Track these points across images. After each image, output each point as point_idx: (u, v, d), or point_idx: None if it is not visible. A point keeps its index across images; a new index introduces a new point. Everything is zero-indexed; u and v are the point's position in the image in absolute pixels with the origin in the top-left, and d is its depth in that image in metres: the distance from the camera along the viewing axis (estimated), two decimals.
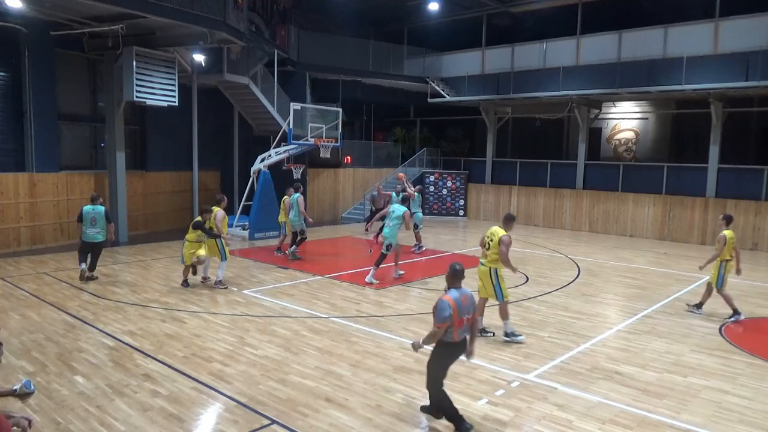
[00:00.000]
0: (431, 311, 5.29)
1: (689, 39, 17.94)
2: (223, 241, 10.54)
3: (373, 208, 18.94)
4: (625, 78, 19.01)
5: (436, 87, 23.60)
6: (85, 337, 7.74)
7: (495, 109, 23.89)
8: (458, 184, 24.05)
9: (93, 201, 10.93)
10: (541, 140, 25.02)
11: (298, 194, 13.44)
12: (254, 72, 18.52)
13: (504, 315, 7.97)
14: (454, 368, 6.83)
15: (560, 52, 20.88)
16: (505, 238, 7.73)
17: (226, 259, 10.68)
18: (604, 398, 6.14)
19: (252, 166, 17.22)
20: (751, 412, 5.94)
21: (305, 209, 13.63)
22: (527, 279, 12.05)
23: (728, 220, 9.70)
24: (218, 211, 10.46)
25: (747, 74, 16.67)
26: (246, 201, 17.33)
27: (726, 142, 18.64)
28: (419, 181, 23.66)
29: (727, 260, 9.45)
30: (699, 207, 18.44)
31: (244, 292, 10.39)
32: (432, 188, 24.02)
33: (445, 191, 24.04)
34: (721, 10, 17.32)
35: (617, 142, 23.44)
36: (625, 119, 23.22)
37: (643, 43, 18.91)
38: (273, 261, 13.33)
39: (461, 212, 23.95)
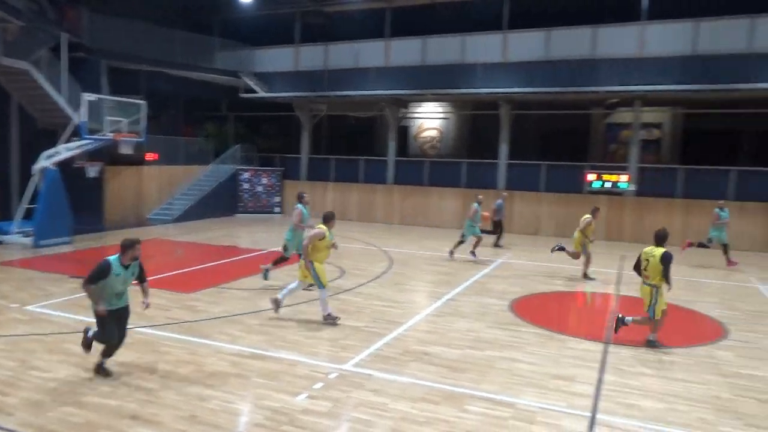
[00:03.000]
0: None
1: (484, 48, 19.91)
2: None
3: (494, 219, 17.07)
4: (430, 80, 20.49)
5: (249, 82, 23.05)
6: None
7: (310, 107, 24.08)
8: (274, 181, 23.80)
9: None
10: (355, 137, 25.87)
11: (299, 205, 11.11)
12: (37, 57, 16.23)
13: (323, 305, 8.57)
14: (272, 366, 6.77)
15: (372, 53, 21.73)
16: (318, 232, 8.36)
17: None
18: (415, 379, 6.54)
19: (35, 164, 15.05)
20: (536, 375, 6.80)
21: (301, 221, 10.89)
22: (343, 272, 12.35)
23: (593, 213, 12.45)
24: None
25: (530, 81, 19.03)
26: (29, 204, 15.11)
27: (513, 141, 21.08)
28: (233, 178, 22.93)
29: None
30: (492, 198, 20.55)
31: (28, 308, 9.06)
32: (247, 186, 23.43)
33: (260, 188, 23.61)
34: (510, 24, 19.49)
35: (423, 139, 25.20)
36: (430, 119, 25.06)
37: (444, 49, 20.51)
38: (64, 270, 11.82)
39: (277, 209, 23.75)
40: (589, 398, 6.20)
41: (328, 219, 8.70)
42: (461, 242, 14.46)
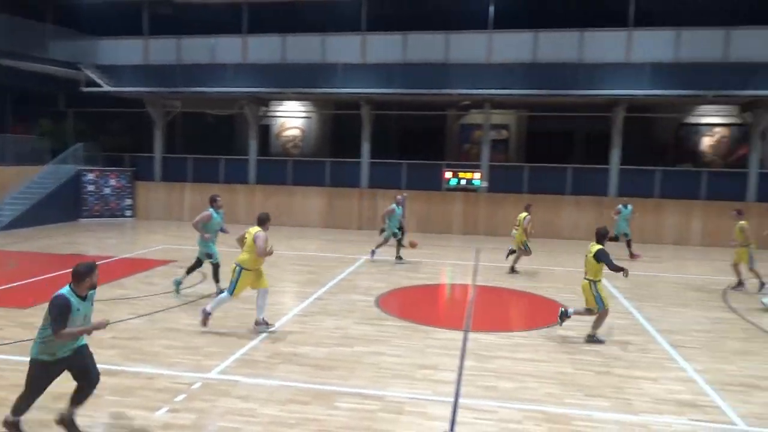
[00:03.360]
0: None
1: (344, 48, 20.09)
2: None
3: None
4: (290, 79, 20.23)
5: (92, 75, 21.09)
6: None
7: (163, 103, 22.63)
8: (123, 182, 22.02)
9: None
10: (213, 136, 24.75)
11: (210, 209, 10.60)
12: None
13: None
14: (127, 382, 6.26)
15: (228, 48, 20.93)
16: (260, 234, 8.06)
17: None
18: (283, 381, 6.42)
19: None
20: (403, 366, 7.00)
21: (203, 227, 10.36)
22: (204, 277, 11.80)
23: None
24: None
25: (388, 83, 19.58)
26: None
27: (375, 140, 21.55)
28: (75, 180, 20.86)
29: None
30: (356, 197, 20.93)
31: None
32: (92, 188, 21.40)
33: (108, 190, 21.70)
34: (368, 26, 19.85)
35: (285, 138, 24.86)
36: (292, 117, 24.79)
37: (305, 48, 20.35)
38: None
39: (128, 213, 22.03)
40: (452, 384, 6.52)
41: (263, 221, 8.30)
42: (399, 241, 14.29)
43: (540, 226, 19.17)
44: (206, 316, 8.22)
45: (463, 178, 20.33)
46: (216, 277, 10.43)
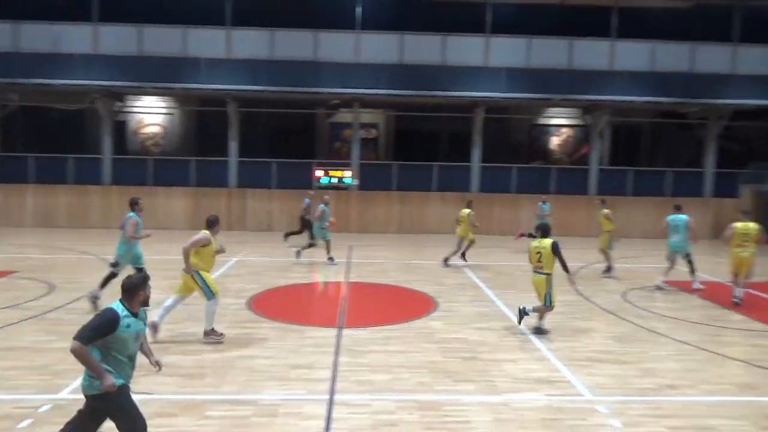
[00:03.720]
0: None
1: (207, 42, 19.22)
2: None
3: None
4: (148, 73, 18.97)
5: None
6: None
7: None
8: None
9: None
10: (60, 133, 22.47)
11: (132, 213, 9.66)
12: None
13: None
14: None
15: (76, 37, 19.13)
16: (202, 237, 7.84)
17: None
18: (148, 394, 5.99)
19: None
20: (277, 368, 6.87)
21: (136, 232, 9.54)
22: (52, 287, 10.70)
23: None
24: None
25: (255, 79, 19.06)
26: None
27: (244, 138, 20.89)
28: None
29: None
30: (224, 197, 20.17)
31: None
32: None
33: None
34: (234, 21, 19.16)
35: (145, 136, 23.27)
36: (152, 114, 23.25)
37: (164, 40, 19.20)
38: None
39: None
40: (327, 382, 6.51)
41: (212, 224, 8.09)
42: (312, 245, 14.26)
43: (408, 222, 20.09)
44: (215, 335, 7.86)
45: (334, 177, 20.42)
46: (106, 283, 9.41)
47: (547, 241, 8.49)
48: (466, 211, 14.17)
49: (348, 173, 20.47)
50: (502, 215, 20.46)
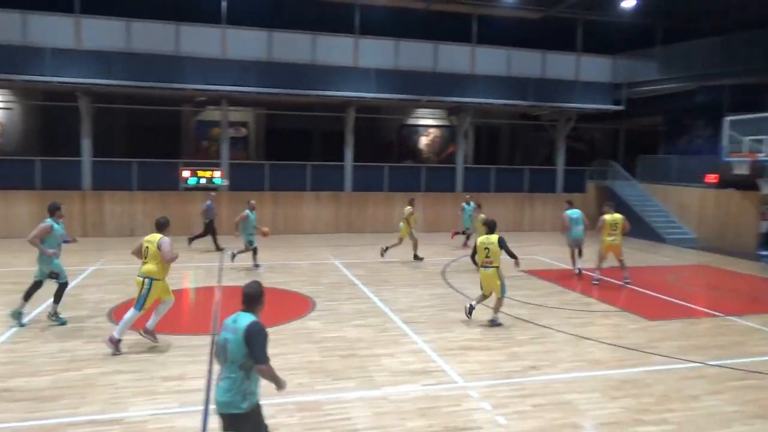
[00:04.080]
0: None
1: (53, 30, 17.38)
2: None
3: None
4: None
5: None
6: None
7: None
8: None
9: None
10: None
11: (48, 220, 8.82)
12: None
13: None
14: None
15: None
16: (165, 239, 7.64)
17: None
18: None
19: None
20: (144, 382, 6.42)
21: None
22: None
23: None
24: None
25: (109, 73, 17.59)
26: None
27: (98, 136, 19.24)
28: None
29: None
30: (78, 200, 18.43)
31: None
32: None
33: None
34: (83, 7, 17.53)
35: None
36: None
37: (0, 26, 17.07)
38: None
39: None
40: (201, 392, 6.20)
41: (163, 226, 7.85)
42: (254, 249, 13.47)
43: (283, 222, 19.80)
44: (116, 343, 7.19)
45: (203, 177, 19.52)
46: (58, 298, 8.56)
47: (494, 237, 9.03)
48: (408, 208, 14.66)
49: (217, 173, 19.65)
50: (376, 214, 20.87)
